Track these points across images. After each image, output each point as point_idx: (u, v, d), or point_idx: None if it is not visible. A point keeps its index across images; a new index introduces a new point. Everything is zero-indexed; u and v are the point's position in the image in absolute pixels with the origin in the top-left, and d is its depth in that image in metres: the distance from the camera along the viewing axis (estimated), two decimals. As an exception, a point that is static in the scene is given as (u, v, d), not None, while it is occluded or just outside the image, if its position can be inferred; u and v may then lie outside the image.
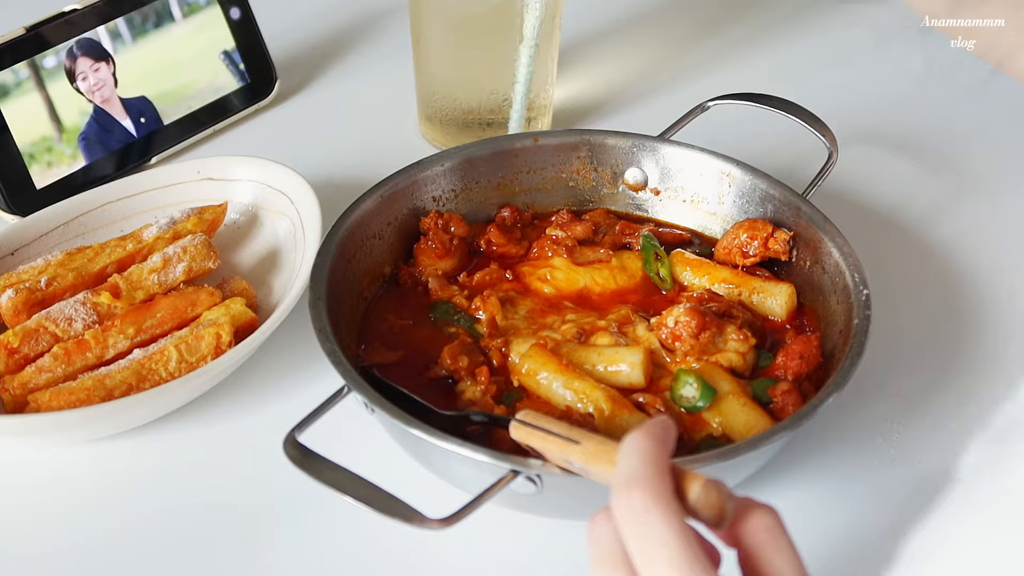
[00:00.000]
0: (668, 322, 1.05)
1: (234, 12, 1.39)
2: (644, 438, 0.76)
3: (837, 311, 1.06)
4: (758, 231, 1.13)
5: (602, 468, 0.83)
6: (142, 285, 1.11)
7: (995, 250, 1.25)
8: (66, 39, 1.28)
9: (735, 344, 1.05)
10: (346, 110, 1.45)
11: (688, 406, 1.01)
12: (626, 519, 0.73)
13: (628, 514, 0.73)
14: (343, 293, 1.08)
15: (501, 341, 1.07)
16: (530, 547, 0.99)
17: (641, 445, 0.76)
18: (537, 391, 1.03)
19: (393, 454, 1.01)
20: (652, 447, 0.76)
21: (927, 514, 1.01)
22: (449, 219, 1.17)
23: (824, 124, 1.22)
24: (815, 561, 0.97)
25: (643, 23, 1.60)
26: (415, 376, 1.06)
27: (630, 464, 0.75)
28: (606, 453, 0.83)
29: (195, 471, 1.05)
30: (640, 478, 0.74)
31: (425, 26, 1.32)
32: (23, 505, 1.03)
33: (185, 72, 1.36)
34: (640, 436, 0.77)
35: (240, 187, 1.24)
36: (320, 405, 0.95)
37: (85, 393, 1.02)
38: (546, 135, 1.21)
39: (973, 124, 1.42)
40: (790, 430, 0.93)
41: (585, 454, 0.84)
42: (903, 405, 1.09)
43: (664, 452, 0.76)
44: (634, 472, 0.75)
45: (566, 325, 1.08)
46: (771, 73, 1.50)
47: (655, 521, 0.72)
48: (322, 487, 0.88)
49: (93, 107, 1.30)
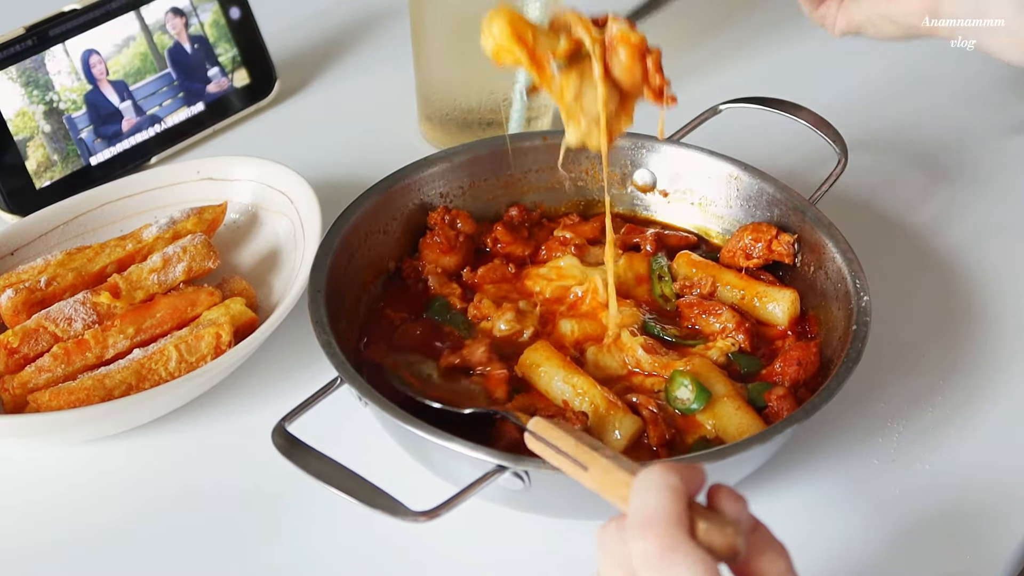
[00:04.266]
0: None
1: (234, 12, 1.39)
2: (665, 474, 0.73)
3: (838, 317, 1.06)
4: (763, 234, 1.13)
5: (611, 499, 0.79)
6: (142, 285, 1.11)
7: (997, 255, 1.25)
8: (66, 39, 1.28)
9: (722, 343, 1.07)
10: (346, 110, 1.44)
11: (682, 408, 1.01)
12: (643, 563, 0.71)
13: (644, 559, 0.71)
14: (345, 286, 1.08)
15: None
16: (520, 543, 0.99)
17: (660, 482, 0.72)
18: (537, 384, 1.04)
19: (388, 447, 1.01)
20: (670, 487, 0.72)
21: (927, 514, 1.01)
22: (456, 215, 1.17)
23: (835, 129, 1.21)
24: (816, 561, 0.97)
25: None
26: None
27: (647, 504, 0.72)
28: (612, 485, 0.78)
29: (195, 471, 1.05)
30: (655, 521, 0.71)
31: (425, 26, 1.32)
32: (23, 505, 1.03)
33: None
34: (660, 472, 0.73)
35: (240, 187, 1.24)
36: (311, 396, 0.96)
37: (85, 393, 1.02)
38: (555, 134, 1.21)
39: (977, 128, 1.42)
40: (780, 434, 0.93)
41: (593, 482, 0.80)
42: (903, 406, 1.09)
43: (683, 494, 0.72)
44: (650, 514, 0.71)
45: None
46: (772, 73, 1.50)
47: (673, 570, 0.70)
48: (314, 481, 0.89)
49: (90, 88, 1.30)
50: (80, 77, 1.30)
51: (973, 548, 0.99)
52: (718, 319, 1.09)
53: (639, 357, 1.05)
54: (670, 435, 0.99)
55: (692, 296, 1.12)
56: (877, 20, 1.16)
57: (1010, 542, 0.99)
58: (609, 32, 0.97)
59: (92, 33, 1.30)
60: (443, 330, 1.10)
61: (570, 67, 0.97)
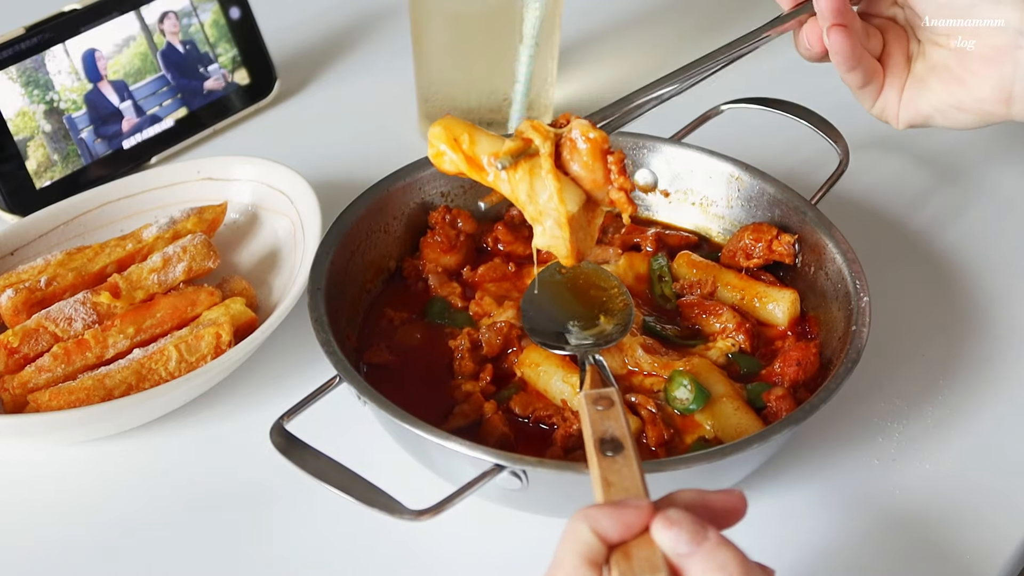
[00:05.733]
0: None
1: (234, 12, 1.39)
2: (580, 524, 0.75)
3: (838, 317, 1.06)
4: (763, 234, 1.13)
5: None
6: (142, 285, 1.11)
7: (997, 255, 1.25)
8: (66, 39, 1.28)
9: (722, 343, 1.07)
10: (346, 110, 1.45)
11: (681, 408, 1.01)
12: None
13: None
14: (345, 285, 1.08)
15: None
16: (518, 543, 0.99)
17: (570, 534, 0.75)
18: (536, 383, 1.04)
19: (387, 446, 1.01)
20: (579, 539, 0.74)
21: (927, 514, 1.01)
22: (457, 215, 1.17)
23: (837, 131, 1.21)
24: (815, 560, 0.97)
25: (643, 23, 1.60)
26: (413, 376, 1.06)
27: (558, 551, 0.75)
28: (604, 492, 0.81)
29: (195, 470, 1.05)
30: (556, 570, 0.74)
31: (425, 26, 1.32)
32: (23, 505, 1.03)
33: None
34: (577, 520, 0.75)
35: (240, 187, 1.24)
36: (310, 394, 0.96)
37: (85, 393, 1.02)
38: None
39: (978, 130, 1.41)
40: (778, 434, 0.93)
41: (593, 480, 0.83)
42: (903, 406, 1.09)
43: (591, 546, 0.74)
44: (555, 562, 0.75)
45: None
46: (773, 74, 1.49)
47: None
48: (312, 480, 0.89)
49: (91, 88, 1.30)
50: (80, 77, 1.30)
51: (973, 548, 0.99)
52: (718, 319, 1.09)
53: (638, 357, 1.05)
54: (668, 435, 0.99)
55: (692, 296, 1.12)
56: (947, 110, 1.07)
57: (1009, 542, 0.99)
58: (570, 128, 0.94)
59: (92, 33, 1.30)
60: (443, 331, 1.10)
61: (516, 164, 0.93)
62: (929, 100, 1.07)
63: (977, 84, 1.05)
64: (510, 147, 0.93)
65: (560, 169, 0.94)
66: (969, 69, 1.05)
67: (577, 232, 0.94)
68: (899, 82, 1.09)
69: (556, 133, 0.94)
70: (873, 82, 1.08)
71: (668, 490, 0.79)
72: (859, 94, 1.10)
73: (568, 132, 0.94)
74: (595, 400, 0.89)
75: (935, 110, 1.08)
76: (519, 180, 0.93)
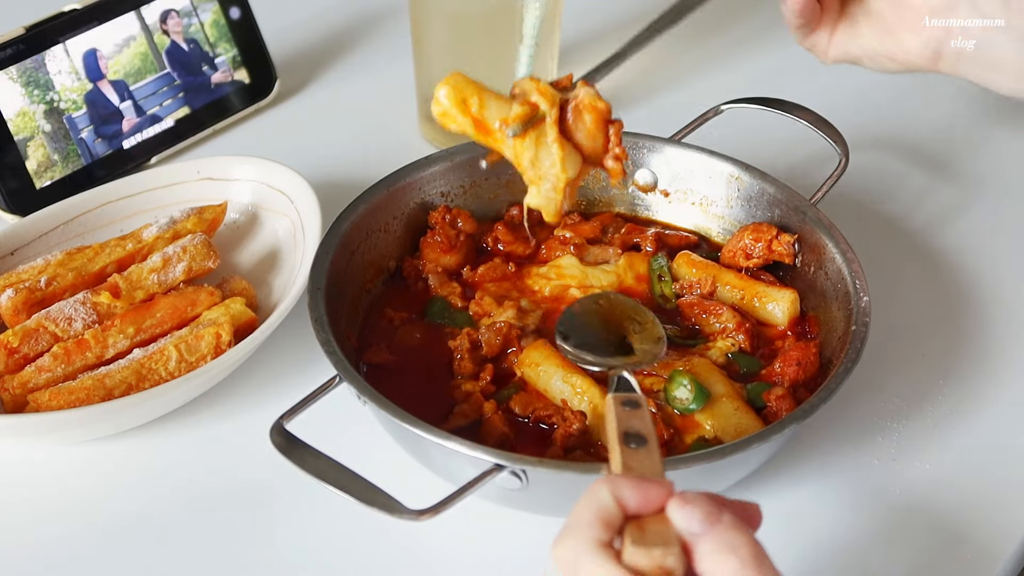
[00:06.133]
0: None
1: (234, 12, 1.39)
2: (602, 487, 0.75)
3: (837, 317, 1.06)
4: (763, 234, 1.13)
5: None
6: (142, 285, 1.11)
7: (996, 255, 1.25)
8: (66, 39, 1.28)
9: (722, 343, 1.07)
10: (346, 110, 1.45)
11: (681, 408, 1.01)
12: (559, 564, 0.75)
13: (557, 562, 0.75)
14: (345, 285, 1.08)
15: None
16: (518, 543, 0.98)
17: (592, 494, 0.75)
18: (536, 383, 1.04)
19: (387, 446, 1.01)
20: (598, 500, 0.75)
21: (927, 513, 1.01)
22: (457, 214, 1.17)
23: (837, 131, 1.21)
24: (815, 560, 0.97)
25: (643, 23, 1.60)
26: (413, 376, 1.06)
27: (575, 510, 0.75)
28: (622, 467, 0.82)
29: (195, 470, 1.05)
30: (572, 529, 0.75)
31: (425, 26, 1.32)
32: (23, 504, 1.03)
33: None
34: (600, 484, 0.76)
35: (240, 187, 1.24)
36: (310, 394, 0.96)
37: (85, 393, 1.02)
38: None
39: (978, 130, 1.42)
40: (778, 434, 0.93)
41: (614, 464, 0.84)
42: (903, 405, 1.09)
43: (610, 510, 0.75)
44: (571, 521, 0.75)
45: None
46: (773, 73, 1.50)
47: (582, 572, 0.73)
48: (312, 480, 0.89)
49: (91, 87, 1.30)
50: (80, 77, 1.30)
51: (973, 548, 0.99)
52: (718, 319, 1.09)
53: (639, 357, 1.05)
54: (668, 435, 0.99)
55: (692, 296, 1.12)
56: (876, 56, 1.10)
57: (1010, 542, 0.99)
58: (576, 96, 0.95)
59: (92, 33, 1.30)
60: (443, 331, 1.10)
61: (525, 132, 0.95)
62: (859, 44, 1.10)
63: (907, 39, 1.06)
64: (519, 113, 0.94)
65: (563, 135, 0.96)
66: (903, 22, 1.06)
67: (570, 194, 0.97)
68: (832, 19, 1.11)
69: (562, 98, 0.95)
70: (811, 21, 1.11)
71: (668, 490, 0.79)
72: (793, 28, 1.13)
73: (575, 98, 0.95)
74: (623, 401, 0.89)
75: (864, 53, 1.10)
76: (525, 147, 0.95)
